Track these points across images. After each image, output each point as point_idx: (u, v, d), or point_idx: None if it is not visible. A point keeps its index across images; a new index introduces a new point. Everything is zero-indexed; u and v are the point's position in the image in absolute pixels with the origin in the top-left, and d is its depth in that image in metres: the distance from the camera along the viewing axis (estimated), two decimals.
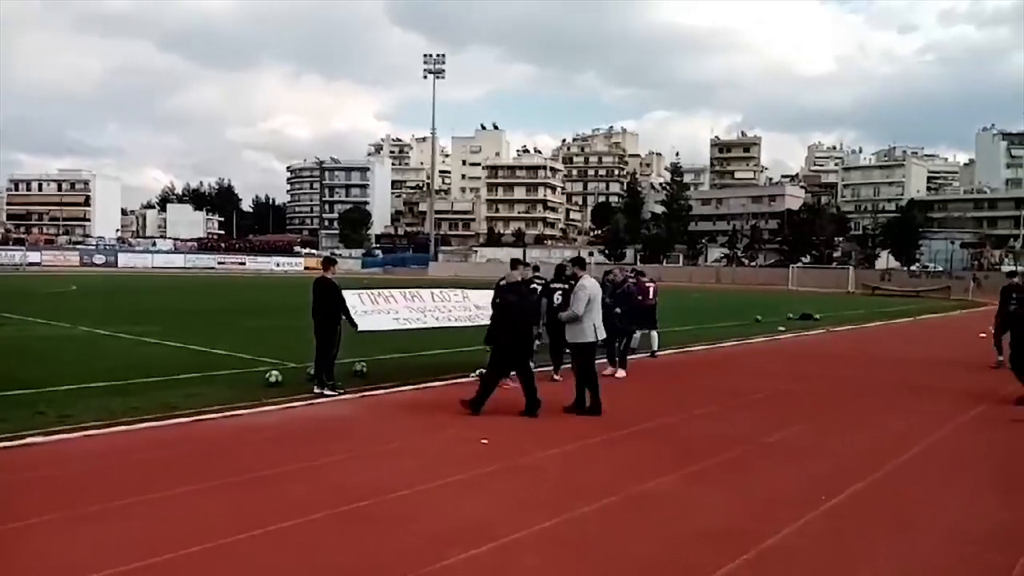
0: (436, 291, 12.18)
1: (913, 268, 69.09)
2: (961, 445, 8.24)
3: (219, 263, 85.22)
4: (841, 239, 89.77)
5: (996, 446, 8.17)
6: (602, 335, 9.28)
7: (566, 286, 10.82)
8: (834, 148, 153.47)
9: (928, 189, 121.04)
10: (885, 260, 77.48)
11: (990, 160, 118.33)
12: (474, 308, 11.76)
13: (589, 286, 9.21)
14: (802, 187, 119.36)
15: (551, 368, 11.19)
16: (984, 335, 18.60)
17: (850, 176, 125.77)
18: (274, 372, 10.32)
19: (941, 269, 68.23)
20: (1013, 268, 42.59)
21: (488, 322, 10.01)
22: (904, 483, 6.62)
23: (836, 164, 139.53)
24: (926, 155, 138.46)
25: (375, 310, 10.85)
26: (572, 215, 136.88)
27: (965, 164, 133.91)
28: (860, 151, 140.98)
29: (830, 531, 5.30)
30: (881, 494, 6.23)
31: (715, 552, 4.79)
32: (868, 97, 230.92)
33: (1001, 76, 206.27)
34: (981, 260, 74.68)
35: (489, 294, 11.36)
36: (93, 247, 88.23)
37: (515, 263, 9.82)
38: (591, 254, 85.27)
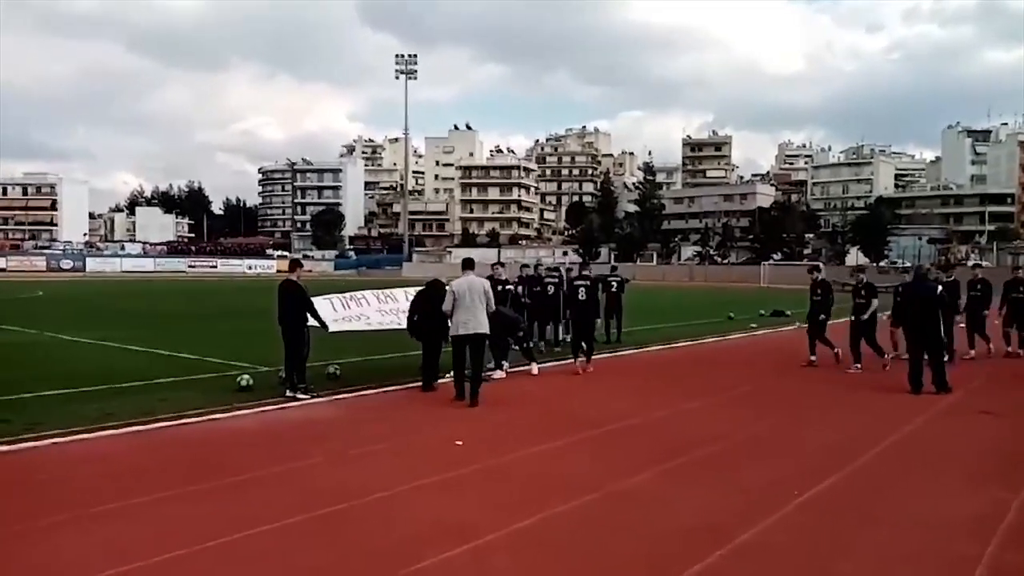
0: (410, 290, 12.12)
1: (882, 264, 70.02)
2: (932, 436, 8.36)
3: (189, 267, 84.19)
4: (811, 236, 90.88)
5: (966, 437, 8.29)
6: (465, 331, 9.64)
7: (587, 282, 12.61)
8: (804, 146, 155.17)
9: (896, 186, 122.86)
10: (854, 257, 78.36)
11: (955, 157, 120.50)
12: None
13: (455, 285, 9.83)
14: (773, 185, 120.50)
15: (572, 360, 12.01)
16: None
17: (819, 174, 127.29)
18: (245, 376, 10.21)
19: (909, 265, 69.24)
20: (977, 261, 43.39)
21: None
22: (877, 475, 6.70)
23: (806, 162, 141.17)
24: (893, 153, 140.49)
25: (347, 316, 10.83)
26: (546, 215, 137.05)
27: (931, 161, 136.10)
28: (829, 149, 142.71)
29: (805, 524, 5.35)
30: (854, 487, 6.30)
31: (691, 548, 4.81)
32: (836, 95, 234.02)
33: (965, 74, 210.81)
34: (948, 256, 75.91)
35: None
36: (60, 252, 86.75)
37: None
38: (565, 253, 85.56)
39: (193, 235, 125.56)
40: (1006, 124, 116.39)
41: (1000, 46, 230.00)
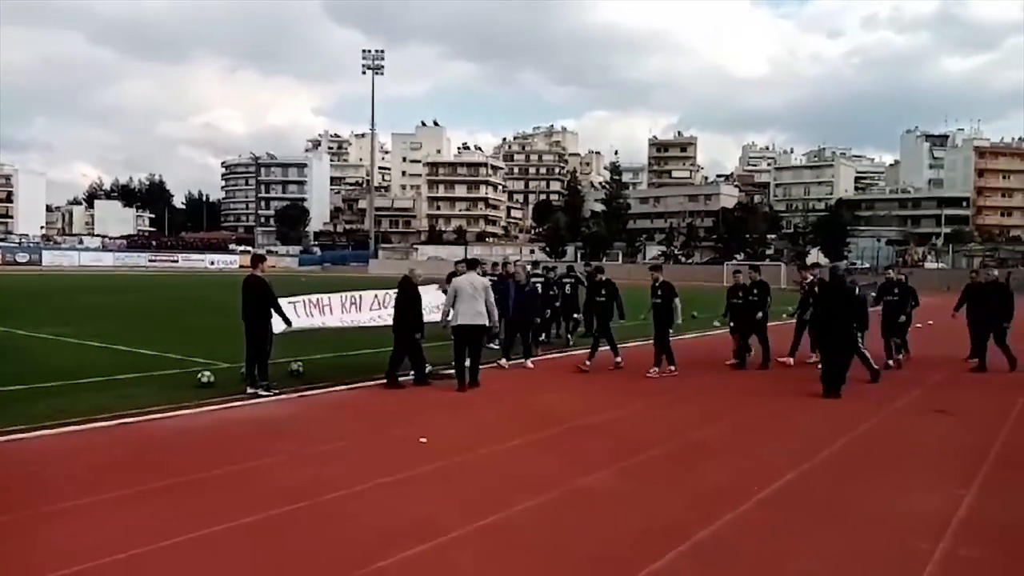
0: (379, 293, 12.07)
1: (843, 265, 71.32)
2: (888, 434, 8.52)
3: (150, 261, 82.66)
4: (774, 237, 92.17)
5: (921, 435, 8.48)
6: (463, 321, 10.36)
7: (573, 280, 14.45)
8: (767, 148, 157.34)
9: (856, 189, 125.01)
10: (815, 257, 79.64)
11: (914, 161, 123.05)
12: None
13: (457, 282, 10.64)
14: (736, 186, 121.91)
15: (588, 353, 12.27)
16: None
17: (782, 176, 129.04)
18: (206, 372, 10.05)
19: (868, 266, 70.54)
20: (894, 264, 44.45)
21: (429, 319, 11.03)
22: (833, 473, 6.81)
23: (769, 164, 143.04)
24: (854, 156, 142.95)
25: (308, 323, 10.79)
26: (513, 213, 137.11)
27: (890, 165, 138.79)
28: (791, 151, 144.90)
29: (762, 522, 5.42)
30: (811, 484, 6.41)
31: (650, 546, 4.85)
32: (799, 99, 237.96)
33: (923, 80, 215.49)
34: (906, 257, 77.58)
35: (430, 292, 11.71)
36: (16, 245, 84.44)
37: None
38: (532, 251, 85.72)
39: (154, 229, 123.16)
40: (962, 129, 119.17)
41: (956, 53, 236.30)
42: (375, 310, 11.84)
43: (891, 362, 12.79)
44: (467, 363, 10.34)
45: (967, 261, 74.67)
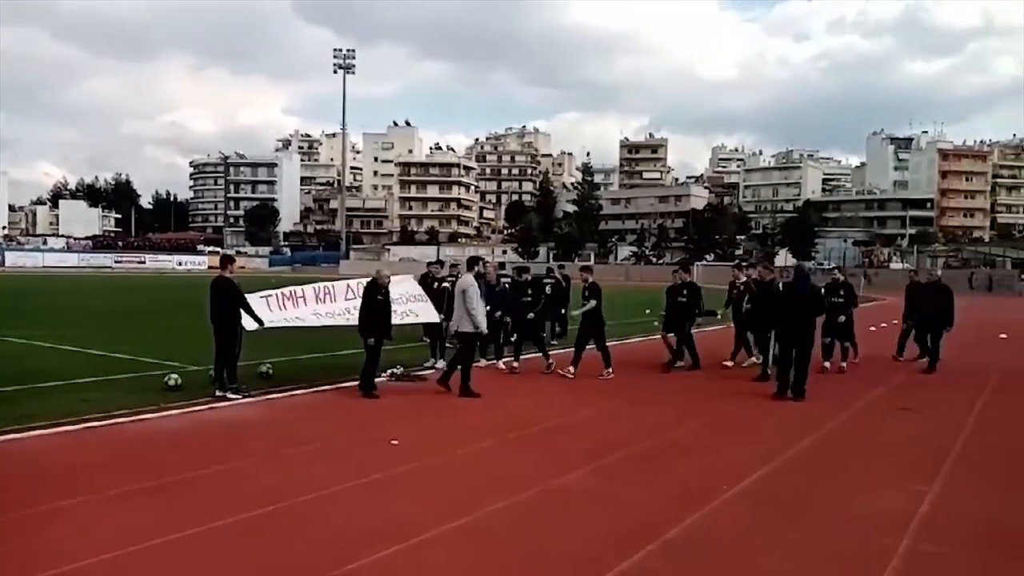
0: (352, 283, 11.89)
1: (809, 265, 72.33)
2: (853, 433, 8.67)
3: (116, 262, 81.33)
4: (743, 238, 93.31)
5: (886, 433, 8.64)
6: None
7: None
8: (736, 150, 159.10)
9: (823, 190, 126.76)
10: (783, 258, 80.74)
11: (879, 163, 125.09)
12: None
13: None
14: (706, 188, 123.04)
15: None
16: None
17: (751, 177, 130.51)
18: (173, 375, 9.92)
19: (835, 266, 71.57)
20: (837, 265, 45.05)
21: (408, 312, 11.10)
22: (800, 472, 6.92)
23: (738, 166, 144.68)
24: (821, 158, 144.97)
25: (282, 318, 10.59)
26: (486, 213, 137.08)
27: (857, 167, 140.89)
28: (760, 153, 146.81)
29: (731, 520, 5.50)
30: (779, 482, 6.50)
31: (622, 545, 4.89)
32: (767, 101, 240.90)
33: (888, 84, 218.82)
34: (871, 258, 78.93)
35: (404, 284, 11.82)
36: None
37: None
38: (504, 252, 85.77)
39: (120, 229, 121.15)
40: (926, 132, 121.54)
41: (920, 58, 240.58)
42: (350, 300, 11.42)
43: (827, 364, 12.50)
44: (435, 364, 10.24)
45: (931, 261, 76.24)
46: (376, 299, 10.05)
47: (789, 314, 10.18)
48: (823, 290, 12.28)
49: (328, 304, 11.30)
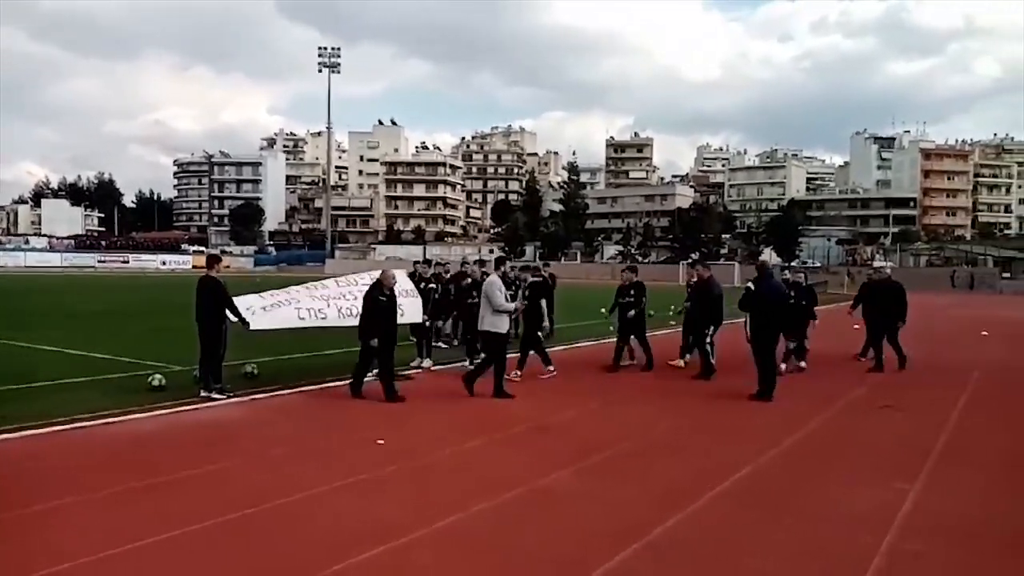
0: (340, 279, 11.93)
1: (793, 264, 72.75)
2: (836, 431, 8.74)
3: (99, 262, 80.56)
4: (728, 237, 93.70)
5: (868, 431, 8.70)
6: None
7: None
8: (721, 149, 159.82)
9: (807, 189, 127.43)
10: (768, 256, 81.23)
11: (862, 162, 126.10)
12: None
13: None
14: (691, 187, 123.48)
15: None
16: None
17: (736, 176, 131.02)
18: (157, 376, 9.87)
19: (819, 265, 72.17)
20: (794, 266, 45.38)
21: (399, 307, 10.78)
22: (784, 471, 6.96)
23: (723, 165, 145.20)
24: (805, 157, 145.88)
25: (275, 302, 10.50)
26: (472, 212, 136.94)
27: (840, 166, 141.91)
28: (745, 153, 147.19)
29: (715, 520, 5.52)
30: (763, 481, 6.54)
31: (606, 544, 4.90)
32: (751, 101, 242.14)
33: (870, 84, 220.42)
34: (855, 256, 79.48)
35: (400, 274, 11.72)
36: None
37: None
38: (491, 251, 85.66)
39: (103, 229, 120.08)
40: (909, 132, 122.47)
41: (902, 58, 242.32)
42: (343, 286, 11.39)
43: (784, 366, 12.17)
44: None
45: (914, 260, 76.93)
46: (380, 300, 9.76)
47: (763, 314, 10.12)
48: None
49: (321, 290, 11.19)
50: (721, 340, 12.61)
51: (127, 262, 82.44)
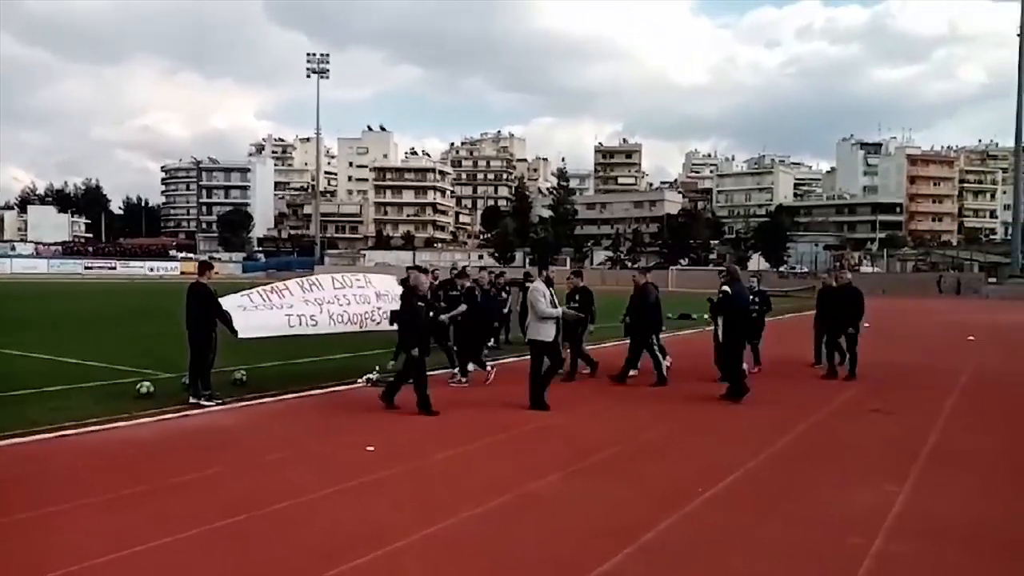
0: (336, 276, 11.83)
1: (781, 269, 73.08)
2: (826, 434, 8.77)
3: (86, 268, 79.93)
4: (716, 242, 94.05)
5: (858, 434, 8.73)
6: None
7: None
8: (709, 156, 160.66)
9: (795, 195, 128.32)
10: (756, 262, 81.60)
11: (849, 168, 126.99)
12: (374, 298, 11.44)
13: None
14: (680, 193, 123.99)
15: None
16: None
17: (724, 182, 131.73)
18: (145, 383, 9.80)
19: (807, 270, 72.44)
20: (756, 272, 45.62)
21: (387, 313, 10.76)
22: (774, 473, 6.99)
23: (711, 171, 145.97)
24: (792, 163, 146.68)
25: (266, 305, 10.37)
26: (462, 218, 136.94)
27: (827, 172, 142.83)
28: (733, 159, 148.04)
29: (706, 523, 5.54)
30: (754, 484, 6.56)
31: (598, 548, 4.90)
32: (739, 107, 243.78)
33: (856, 90, 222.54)
34: (842, 261, 79.91)
35: (385, 282, 11.86)
36: None
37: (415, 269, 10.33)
38: (480, 257, 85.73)
39: (90, 235, 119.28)
40: (895, 138, 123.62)
41: (887, 64, 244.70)
42: (339, 289, 11.23)
43: (753, 370, 12.35)
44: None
45: (901, 265, 77.48)
46: (416, 306, 9.42)
47: (730, 316, 10.35)
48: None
49: (316, 291, 11.03)
50: (697, 347, 12.66)
51: (115, 268, 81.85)
